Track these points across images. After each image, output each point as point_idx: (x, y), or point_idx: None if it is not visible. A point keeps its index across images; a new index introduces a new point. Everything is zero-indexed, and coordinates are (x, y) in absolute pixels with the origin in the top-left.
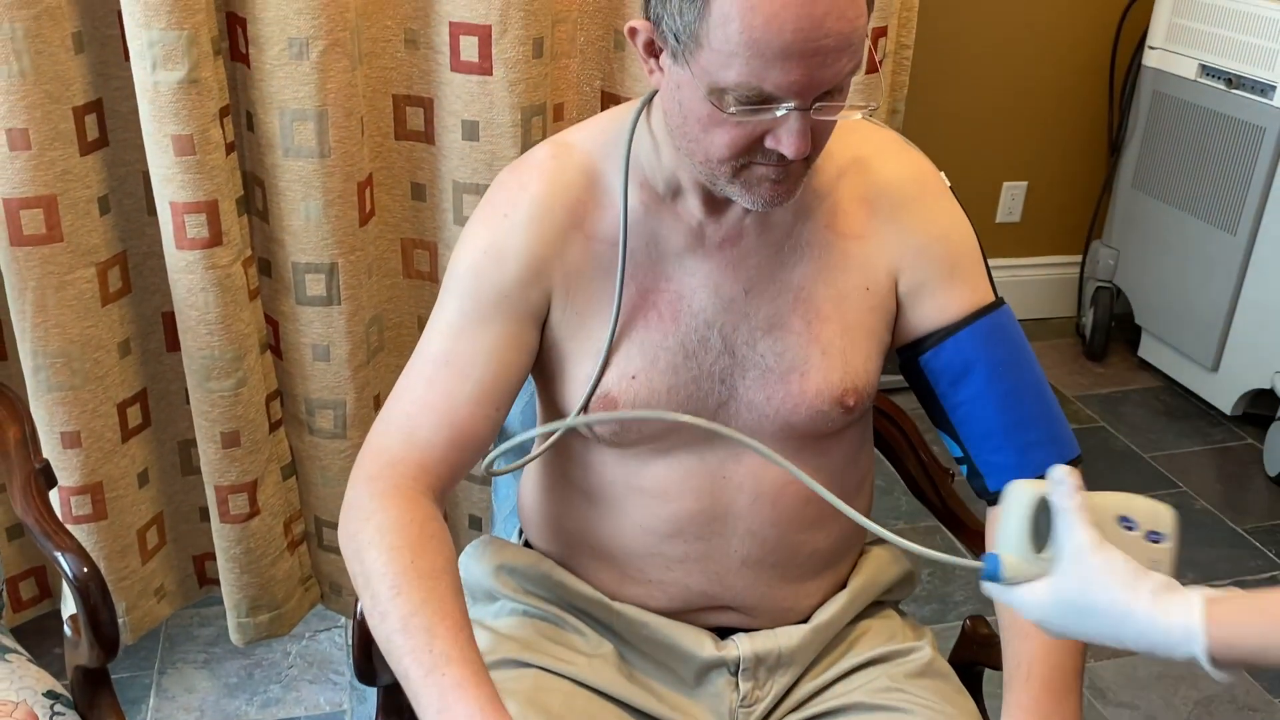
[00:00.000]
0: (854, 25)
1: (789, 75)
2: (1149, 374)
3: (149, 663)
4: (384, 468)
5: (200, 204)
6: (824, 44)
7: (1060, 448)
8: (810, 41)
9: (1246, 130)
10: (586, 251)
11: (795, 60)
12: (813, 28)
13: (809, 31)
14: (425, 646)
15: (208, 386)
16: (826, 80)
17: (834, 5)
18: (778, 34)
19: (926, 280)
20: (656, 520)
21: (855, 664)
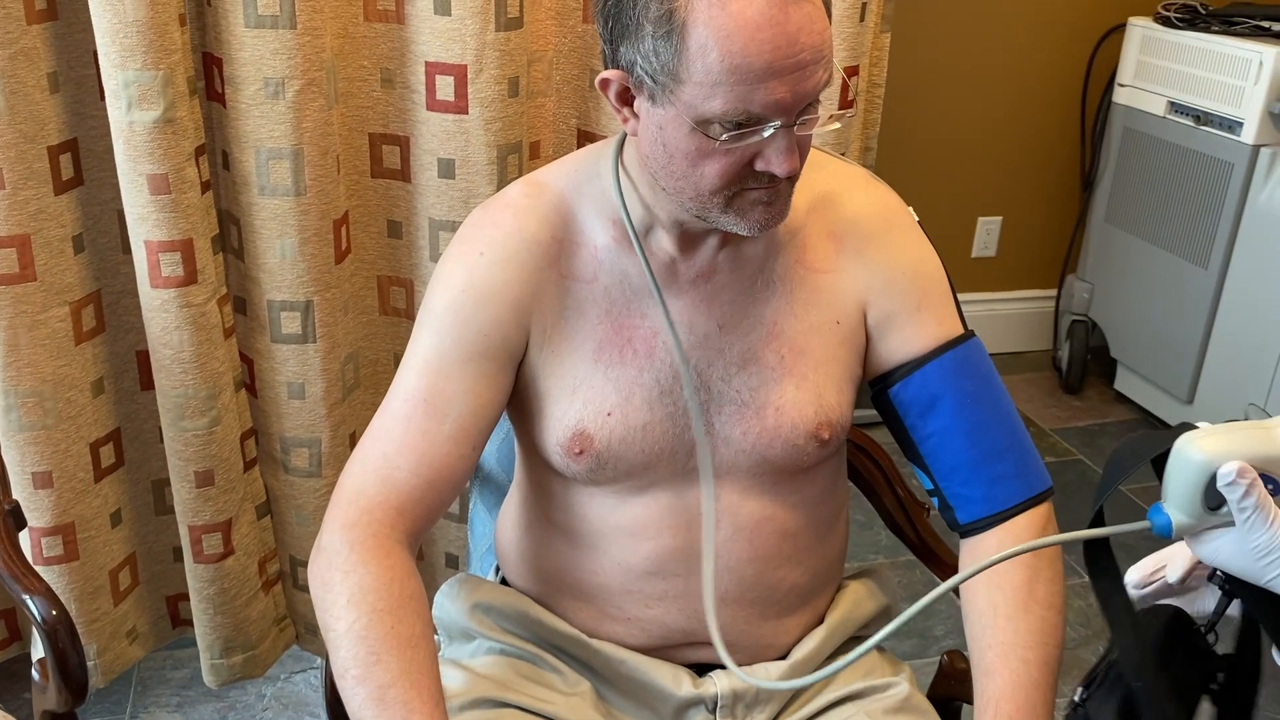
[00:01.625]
0: (823, 37)
1: (774, 94)
2: (1125, 406)
3: (121, 707)
4: (361, 514)
5: (175, 243)
6: (801, 58)
7: (1029, 481)
8: (789, 58)
9: (1215, 166)
10: (562, 290)
11: (778, 79)
12: (789, 44)
13: (786, 49)
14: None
15: (181, 425)
16: (808, 93)
17: (805, 19)
18: (757, 56)
19: (895, 313)
20: (635, 558)
21: (832, 700)
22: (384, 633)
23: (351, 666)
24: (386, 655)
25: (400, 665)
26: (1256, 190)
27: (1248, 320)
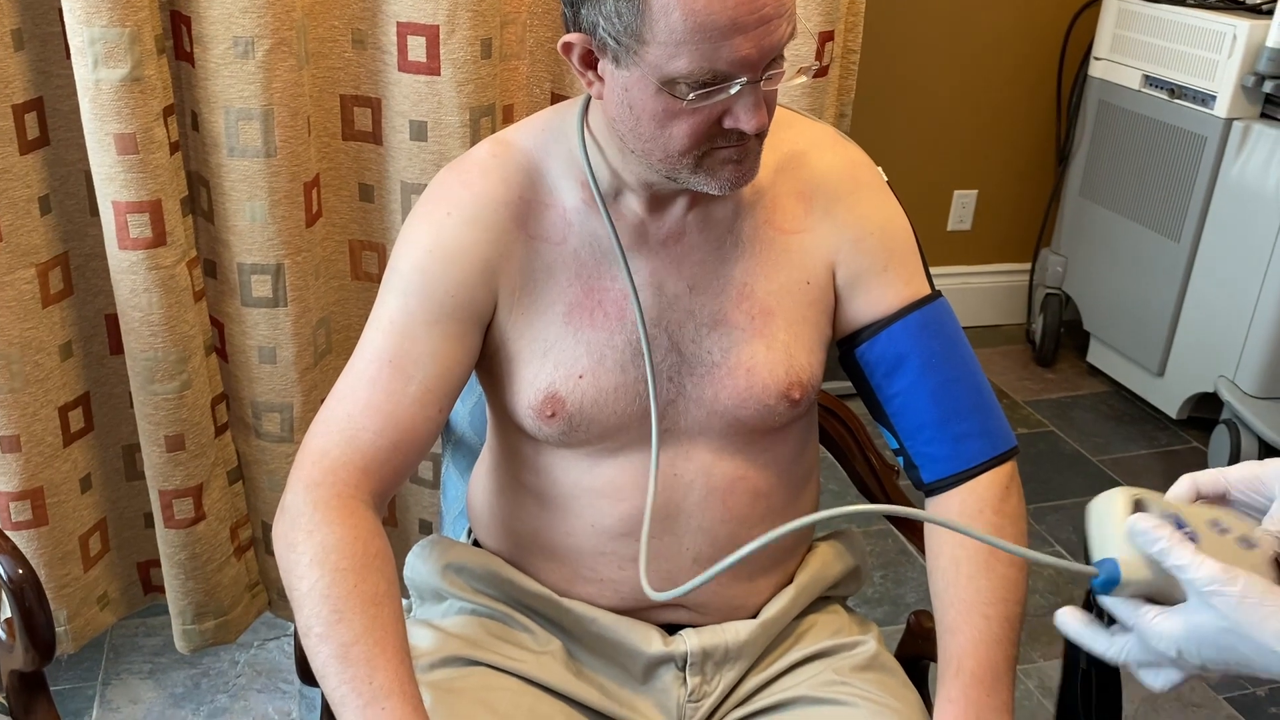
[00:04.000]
0: None
1: (739, 50)
2: (1097, 379)
3: (92, 674)
4: (325, 473)
5: (143, 204)
6: (765, 12)
7: (993, 440)
8: (752, 13)
9: (1188, 139)
10: (530, 251)
11: (742, 35)
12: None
13: (749, 4)
14: (365, 678)
15: (151, 389)
16: (773, 47)
17: None
18: (720, 12)
19: (862, 273)
20: (608, 519)
21: (801, 658)
22: (347, 591)
23: (315, 625)
24: (350, 613)
25: (364, 623)
26: (1229, 164)
27: (1218, 293)
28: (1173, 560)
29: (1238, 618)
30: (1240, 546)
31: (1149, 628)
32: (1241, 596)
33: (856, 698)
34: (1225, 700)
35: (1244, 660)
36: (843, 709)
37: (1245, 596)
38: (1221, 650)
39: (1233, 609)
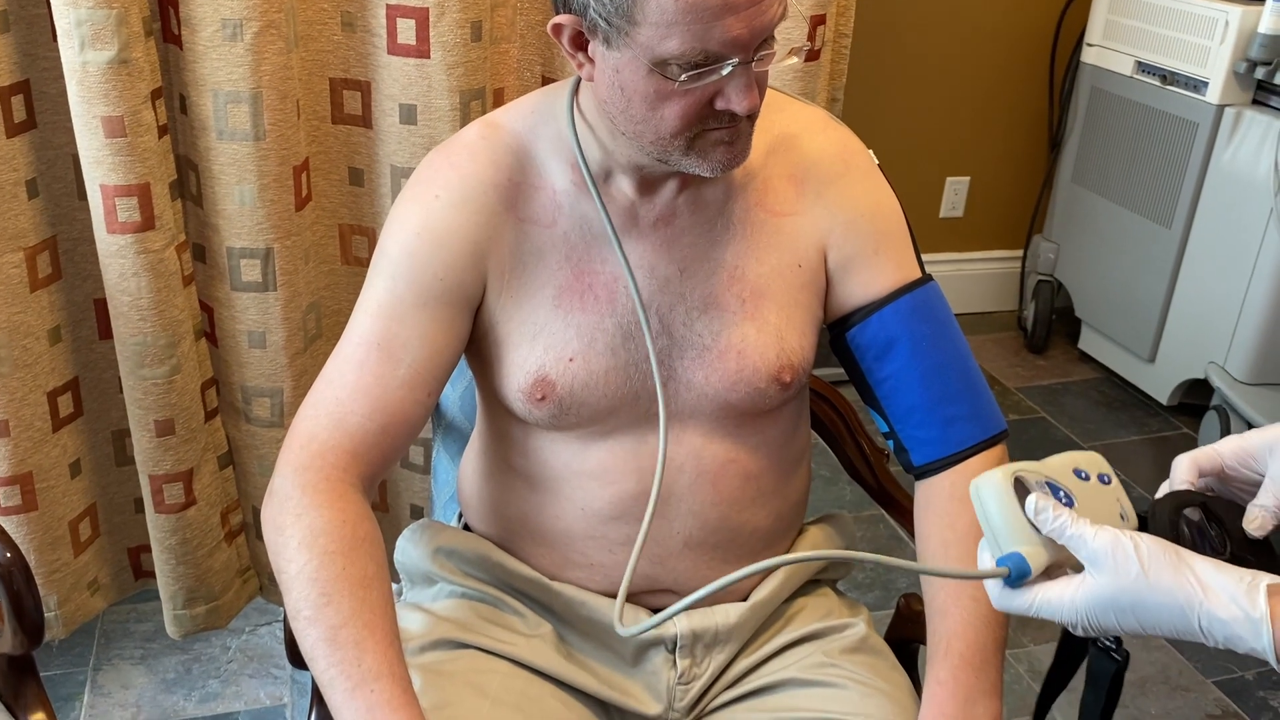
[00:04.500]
0: None
1: (731, 31)
2: (1089, 366)
3: (83, 659)
4: (314, 457)
5: (131, 187)
6: None
7: (984, 423)
8: None
9: (1180, 126)
10: (520, 234)
11: (733, 15)
12: None
13: None
14: (354, 660)
15: (141, 374)
16: (764, 28)
17: None
18: None
19: (853, 256)
20: (598, 503)
21: (790, 640)
22: (335, 574)
23: (303, 608)
24: (338, 596)
25: (352, 606)
26: (1220, 150)
27: (1209, 280)
28: (1070, 533)
29: (1140, 580)
30: (1101, 484)
31: (1051, 605)
32: (1143, 558)
33: (846, 680)
34: (1213, 684)
35: (1146, 619)
36: (832, 691)
37: (1148, 559)
38: (1122, 612)
39: (1136, 572)
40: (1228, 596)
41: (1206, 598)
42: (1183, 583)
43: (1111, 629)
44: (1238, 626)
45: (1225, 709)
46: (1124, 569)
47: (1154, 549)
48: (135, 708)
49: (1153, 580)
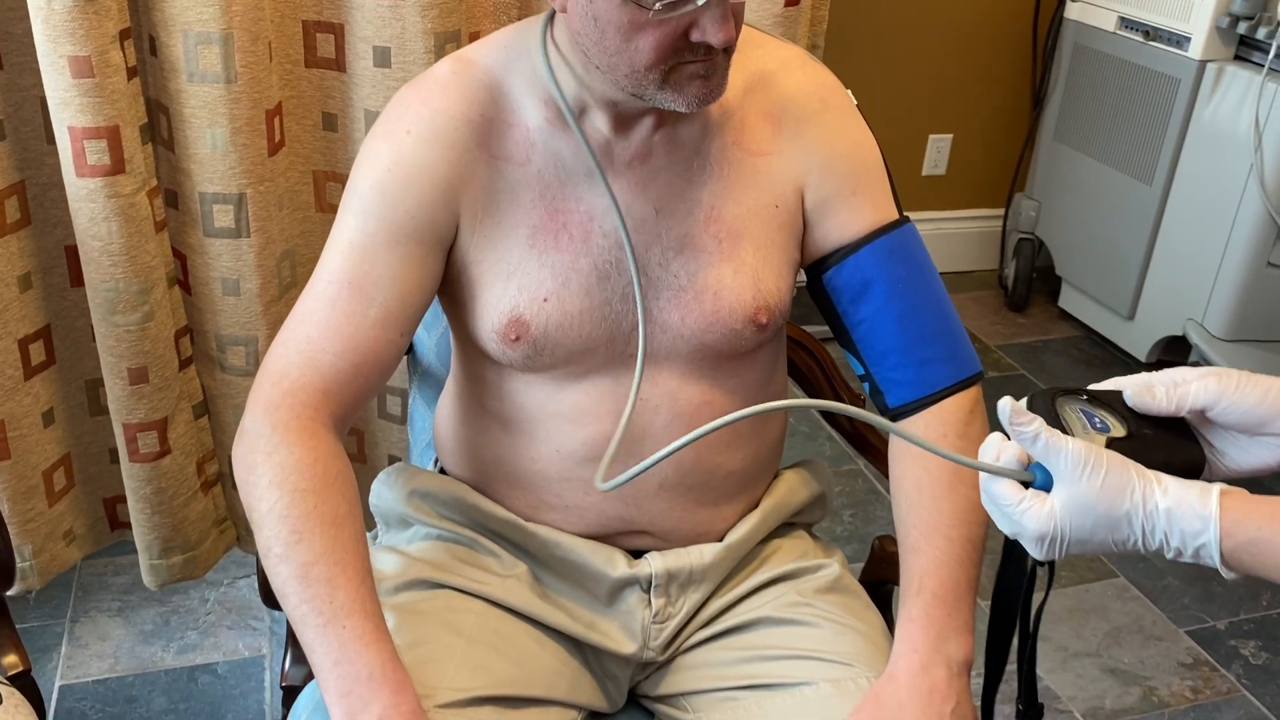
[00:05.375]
0: None
1: None
2: (1069, 324)
3: (60, 611)
4: (285, 395)
5: (100, 129)
6: None
7: (958, 365)
8: None
9: (1162, 82)
10: (493, 172)
11: None
12: None
13: None
14: (325, 597)
15: (113, 320)
16: None
17: None
18: None
19: (831, 196)
20: (573, 444)
21: (764, 580)
22: (306, 512)
23: (274, 545)
24: (309, 534)
25: (324, 543)
26: (1201, 106)
27: (1188, 236)
28: (1043, 443)
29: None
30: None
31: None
32: (1106, 464)
33: (819, 618)
34: (1185, 633)
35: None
36: (805, 629)
37: (1109, 465)
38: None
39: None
40: (1180, 491)
41: (1160, 491)
42: (1140, 481)
43: (1076, 540)
44: (1187, 521)
45: (1197, 657)
46: (1091, 475)
47: (1120, 459)
48: (113, 659)
49: (1112, 481)
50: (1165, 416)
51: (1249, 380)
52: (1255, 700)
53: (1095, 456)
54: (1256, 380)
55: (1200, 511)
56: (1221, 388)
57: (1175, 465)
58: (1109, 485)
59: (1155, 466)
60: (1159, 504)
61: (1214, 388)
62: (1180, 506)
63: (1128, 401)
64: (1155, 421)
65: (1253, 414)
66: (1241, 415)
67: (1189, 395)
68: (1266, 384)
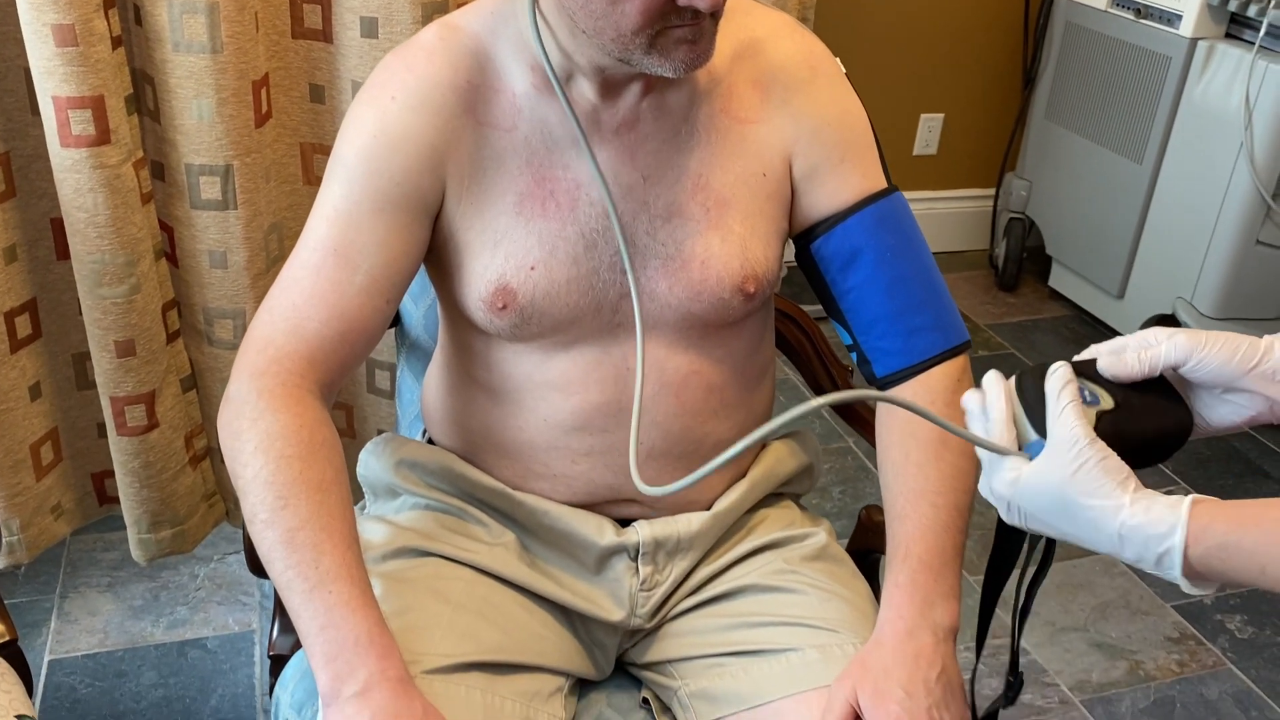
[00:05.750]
0: None
1: None
2: (1059, 303)
3: (50, 587)
4: (270, 362)
5: (85, 99)
6: None
7: (946, 334)
8: None
9: (1153, 60)
10: (479, 138)
11: None
12: None
13: None
14: (311, 562)
15: (99, 293)
16: None
17: None
18: None
19: (819, 165)
20: (561, 414)
21: (751, 548)
22: (292, 478)
23: (260, 511)
24: (294, 500)
25: (309, 509)
26: (1192, 84)
27: (1178, 215)
28: (1066, 413)
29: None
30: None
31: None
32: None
33: (806, 586)
34: (1172, 608)
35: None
36: (791, 596)
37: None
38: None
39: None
40: (1152, 497)
41: (1133, 496)
42: (1120, 486)
43: (1031, 513)
44: (1154, 525)
45: (1184, 631)
46: (1071, 460)
47: (1116, 462)
48: (103, 634)
49: (1087, 474)
50: (1147, 379)
51: (1218, 338)
52: (1240, 673)
53: (1085, 445)
54: (1226, 338)
55: (1169, 517)
56: (1191, 345)
57: (1166, 428)
58: (1083, 476)
59: (1147, 432)
60: (1128, 505)
61: (1184, 345)
62: (1150, 512)
63: (1101, 372)
64: (1141, 386)
65: (1223, 370)
66: (1212, 372)
67: (1160, 356)
68: (1236, 342)
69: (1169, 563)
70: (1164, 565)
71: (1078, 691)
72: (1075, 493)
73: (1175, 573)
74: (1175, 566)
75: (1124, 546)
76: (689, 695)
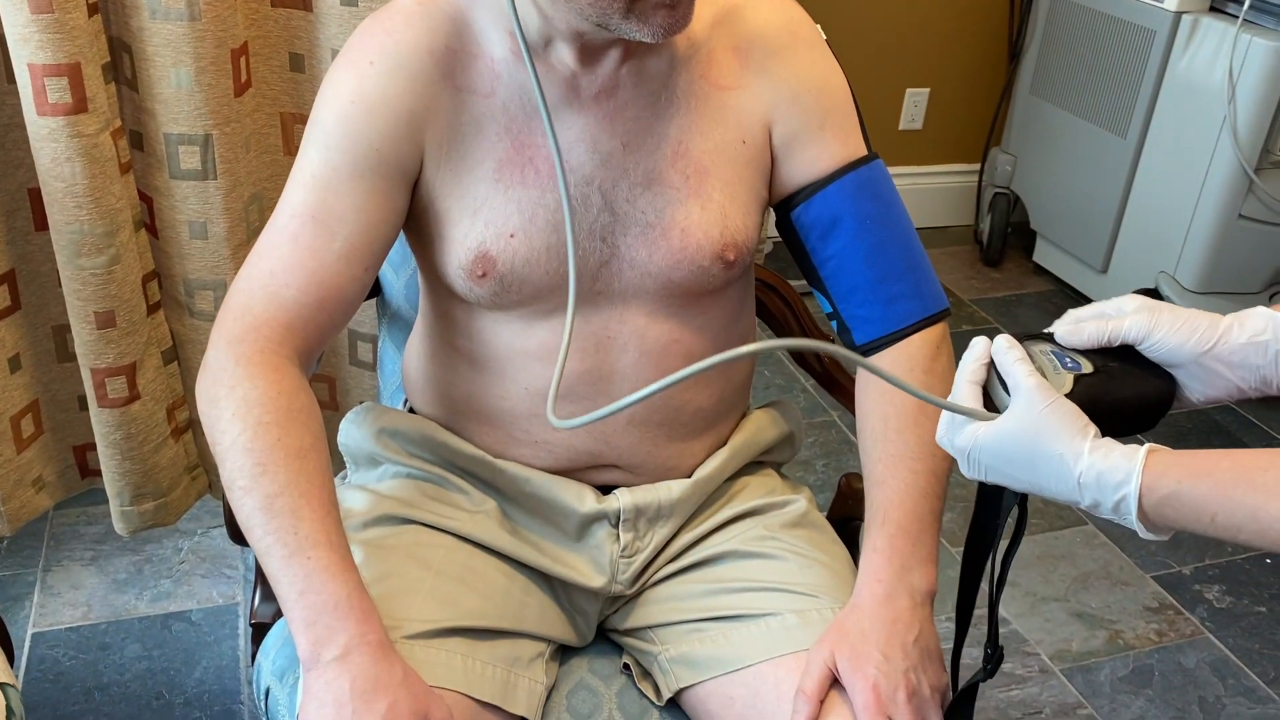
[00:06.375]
0: None
1: None
2: (1043, 278)
3: (33, 560)
4: (248, 330)
5: (61, 66)
6: None
7: (925, 301)
8: None
9: (1138, 34)
10: (457, 104)
11: None
12: None
13: None
14: (290, 528)
15: (78, 264)
16: None
17: None
18: None
19: (799, 132)
20: (541, 381)
21: (732, 515)
22: (270, 444)
23: (238, 478)
24: (273, 466)
25: (288, 475)
26: (1176, 58)
27: (1162, 189)
28: (1014, 368)
29: (1032, 429)
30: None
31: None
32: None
33: (785, 552)
34: (1151, 578)
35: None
36: (771, 562)
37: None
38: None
39: (1041, 417)
40: (1110, 446)
41: (1093, 444)
42: (1081, 434)
43: (990, 464)
44: (1111, 473)
45: (1162, 601)
46: (1035, 412)
47: (1073, 409)
48: (86, 607)
49: (1050, 423)
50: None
51: (1178, 319)
52: (1218, 642)
53: (1048, 398)
54: (1187, 318)
55: (1125, 465)
56: (1150, 323)
57: (1146, 395)
58: (1046, 425)
59: (1126, 398)
60: (1086, 453)
61: (1143, 323)
62: (1108, 459)
63: (1059, 340)
64: (1125, 355)
65: (1180, 351)
66: (1170, 351)
67: (1119, 330)
68: (1194, 322)
69: (1125, 509)
70: (1120, 511)
71: (1057, 660)
72: (1036, 441)
73: (1131, 518)
74: (1131, 512)
75: (1082, 493)
76: (669, 660)
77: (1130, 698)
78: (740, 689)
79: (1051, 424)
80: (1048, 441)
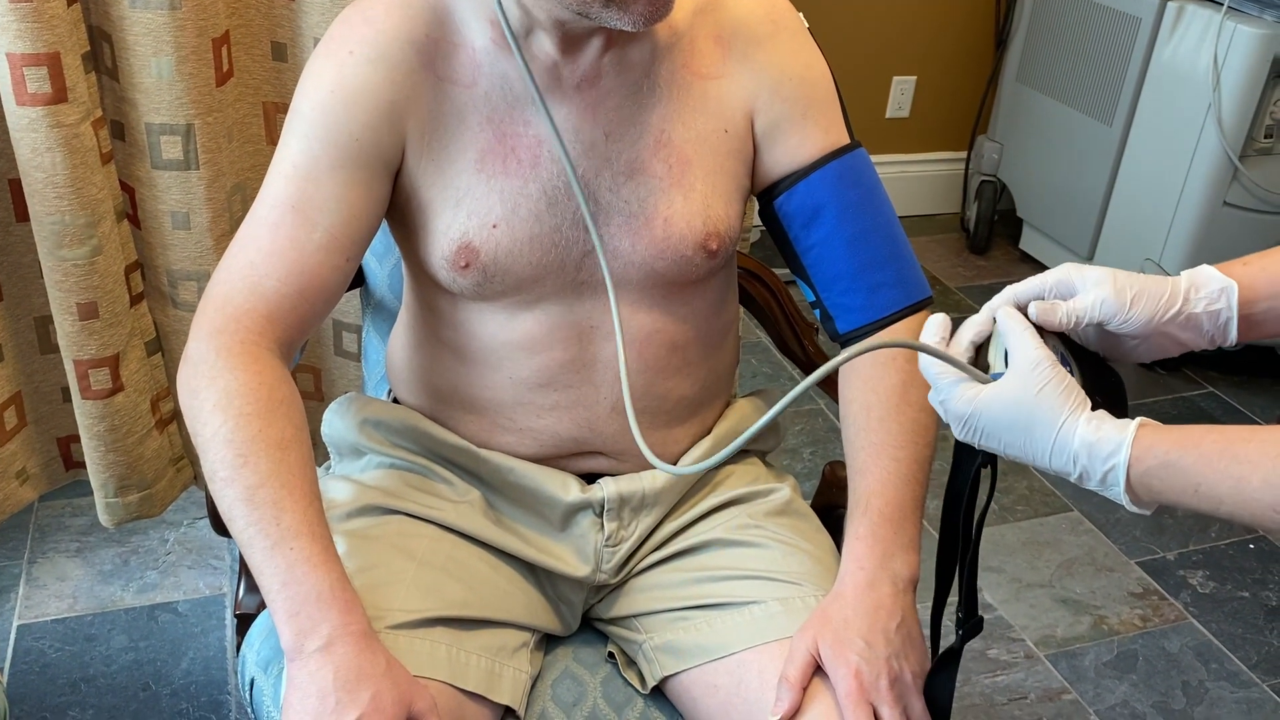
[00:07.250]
0: None
1: None
2: (1029, 266)
3: (18, 552)
4: (229, 320)
5: (40, 55)
6: None
7: (908, 289)
8: None
9: (1123, 21)
10: (439, 94)
11: None
12: None
13: None
14: (272, 519)
15: (60, 254)
16: None
17: None
18: None
19: (781, 121)
20: (526, 371)
21: (716, 504)
22: (252, 435)
23: (220, 469)
24: (254, 457)
25: (269, 466)
26: (1162, 45)
27: (1147, 177)
28: (1015, 335)
29: (1033, 396)
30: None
31: (950, 393)
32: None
33: (769, 540)
34: (1136, 564)
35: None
36: (755, 550)
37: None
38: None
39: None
40: (1102, 417)
41: (1087, 415)
42: (1076, 403)
43: (989, 430)
44: (1102, 444)
45: (1147, 587)
46: (1036, 378)
47: (1071, 381)
48: (72, 599)
49: (1050, 391)
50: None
51: (1142, 295)
52: (1201, 627)
53: (1049, 365)
54: (1150, 293)
55: (1116, 436)
56: (1128, 302)
57: (1107, 390)
58: (1045, 393)
59: (1116, 386)
60: (1082, 423)
61: (1111, 304)
62: (1100, 431)
63: (1031, 317)
64: (1070, 346)
65: (1149, 324)
66: (1140, 326)
67: (1088, 309)
68: (1160, 292)
69: (1113, 479)
70: (1108, 482)
71: (1042, 646)
72: (1035, 409)
73: (1119, 489)
74: (1119, 483)
75: (1074, 463)
76: (654, 649)
77: (1114, 683)
78: (724, 677)
79: (1052, 394)
80: (1046, 410)
